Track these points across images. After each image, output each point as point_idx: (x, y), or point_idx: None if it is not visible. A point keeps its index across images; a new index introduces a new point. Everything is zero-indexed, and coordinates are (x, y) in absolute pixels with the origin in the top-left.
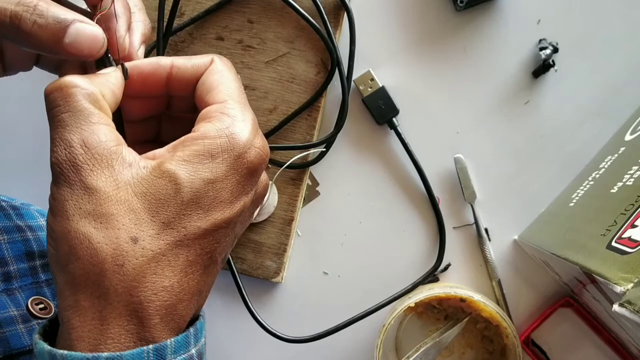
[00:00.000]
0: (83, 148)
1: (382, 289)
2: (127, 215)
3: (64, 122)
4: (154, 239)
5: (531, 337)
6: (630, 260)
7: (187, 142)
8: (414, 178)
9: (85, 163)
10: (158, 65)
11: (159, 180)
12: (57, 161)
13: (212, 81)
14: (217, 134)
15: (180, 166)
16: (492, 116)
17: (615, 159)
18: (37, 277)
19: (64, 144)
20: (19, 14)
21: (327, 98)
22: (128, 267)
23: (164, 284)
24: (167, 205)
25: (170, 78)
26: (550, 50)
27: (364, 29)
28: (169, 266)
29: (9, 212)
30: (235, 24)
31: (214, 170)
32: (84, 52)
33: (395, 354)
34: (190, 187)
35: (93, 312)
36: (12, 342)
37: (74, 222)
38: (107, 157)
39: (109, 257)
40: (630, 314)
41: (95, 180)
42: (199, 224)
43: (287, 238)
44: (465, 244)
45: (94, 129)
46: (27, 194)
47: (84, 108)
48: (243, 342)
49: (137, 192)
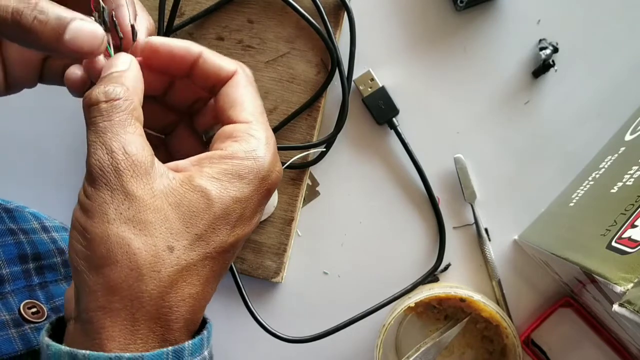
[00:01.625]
0: (124, 154)
1: (382, 289)
2: (163, 224)
3: (104, 129)
4: (188, 250)
5: (531, 337)
6: (630, 260)
7: (214, 159)
8: (414, 178)
9: (127, 169)
10: (188, 50)
11: (191, 194)
12: (99, 164)
13: (238, 96)
14: (245, 156)
15: (211, 183)
16: (492, 116)
17: (615, 159)
18: (30, 280)
19: (106, 148)
20: (20, 10)
21: (327, 98)
22: (164, 274)
23: (190, 291)
24: (200, 219)
25: (193, 67)
26: (550, 50)
27: (364, 29)
28: (197, 275)
29: (2, 215)
30: (235, 24)
31: (242, 190)
32: (83, 48)
33: (395, 354)
34: (221, 203)
35: (126, 313)
36: (3, 348)
37: (115, 227)
38: (145, 165)
39: (147, 263)
40: (630, 314)
41: (135, 186)
42: (225, 238)
43: (287, 238)
44: (465, 244)
45: (132, 139)
46: (22, 195)
47: (125, 118)
48: (243, 342)
49: (171, 202)
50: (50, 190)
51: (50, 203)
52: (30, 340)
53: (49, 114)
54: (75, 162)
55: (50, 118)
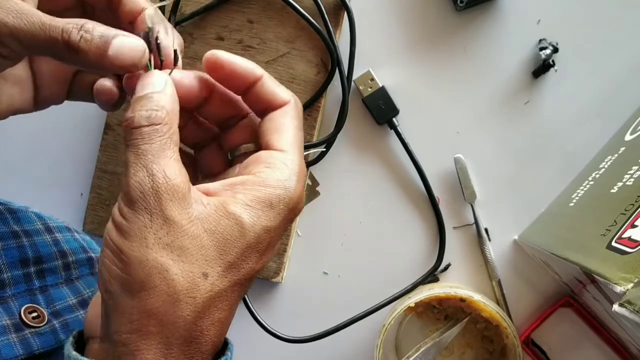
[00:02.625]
0: (165, 178)
1: (382, 289)
2: (199, 251)
3: (145, 151)
4: (221, 277)
5: (531, 337)
6: (630, 260)
7: (248, 185)
8: (414, 178)
9: (167, 193)
10: (251, 72)
11: (225, 221)
12: (140, 186)
13: (282, 124)
14: (277, 185)
15: (244, 210)
16: (492, 116)
17: (615, 159)
18: (31, 284)
19: (147, 171)
20: (69, 30)
21: (327, 98)
22: (199, 300)
23: (220, 316)
24: (233, 247)
25: (251, 88)
26: (550, 50)
27: (364, 29)
28: (227, 301)
29: (6, 217)
30: (235, 24)
31: (272, 219)
32: (126, 62)
33: (395, 354)
34: (253, 231)
35: (161, 337)
36: (4, 352)
37: (154, 252)
38: (183, 190)
39: (184, 289)
40: (630, 314)
41: (174, 212)
42: (254, 266)
43: (287, 238)
44: (465, 244)
45: (171, 163)
46: (25, 196)
47: (165, 142)
48: (243, 342)
49: (207, 228)
50: (53, 191)
51: (53, 203)
52: (30, 345)
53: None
54: (77, 162)
55: (52, 118)
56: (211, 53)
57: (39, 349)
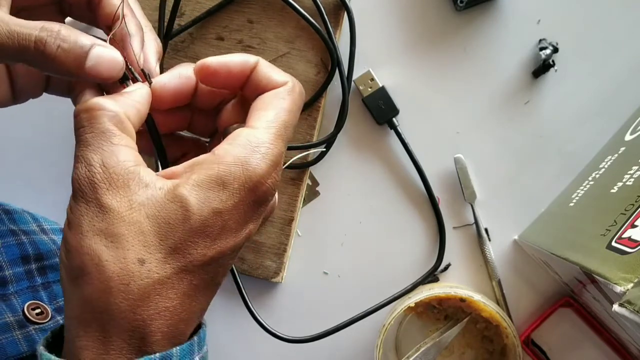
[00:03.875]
0: (102, 167)
1: (382, 289)
2: (136, 237)
3: (87, 142)
4: (160, 263)
5: (531, 337)
6: (630, 260)
7: (204, 164)
8: (414, 178)
9: (102, 182)
10: (245, 63)
11: (170, 204)
12: (77, 177)
13: (268, 103)
14: (233, 161)
15: (192, 192)
16: (492, 116)
17: (615, 159)
18: (34, 281)
19: (85, 162)
20: (44, 39)
21: (327, 98)
22: (133, 287)
23: (166, 304)
24: (175, 231)
25: (248, 78)
26: (550, 50)
27: (364, 29)
28: (173, 289)
29: (2, 217)
30: (235, 24)
31: (225, 200)
32: (103, 74)
33: (395, 354)
34: (200, 215)
35: (97, 325)
36: (9, 349)
37: (87, 238)
38: (124, 177)
39: (115, 275)
40: (630, 314)
41: (110, 199)
42: (204, 251)
43: (287, 238)
44: (465, 244)
45: (114, 150)
46: (20, 197)
47: (107, 129)
48: (243, 342)
49: (149, 214)
50: (52, 190)
51: (51, 203)
52: (35, 341)
53: (51, 113)
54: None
55: (51, 117)
56: (201, 63)
57: None
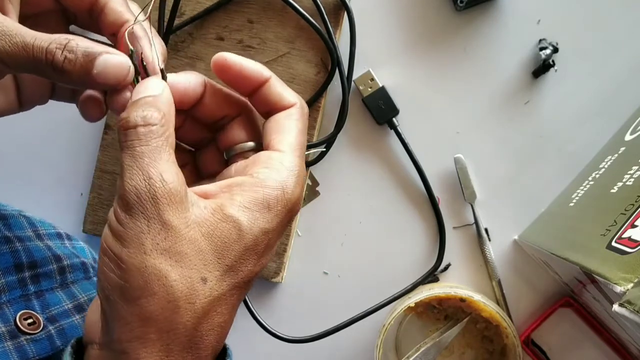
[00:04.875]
0: (162, 182)
1: (382, 289)
2: (197, 255)
3: (142, 154)
4: (219, 281)
5: (531, 337)
6: (630, 260)
7: (245, 186)
8: (414, 178)
9: (164, 197)
10: (259, 73)
11: (222, 224)
12: (136, 190)
13: (284, 125)
14: (275, 186)
15: (242, 213)
16: (492, 116)
17: (615, 159)
18: (26, 290)
19: (143, 174)
20: (52, 51)
21: (327, 98)
22: (198, 305)
23: (219, 320)
24: (231, 250)
25: (258, 89)
26: (550, 50)
27: (364, 29)
28: (226, 305)
29: None
30: (235, 24)
31: (270, 221)
32: (110, 81)
33: (395, 354)
34: (251, 234)
35: (161, 344)
36: None
37: (152, 258)
38: (180, 194)
39: (183, 295)
40: (630, 314)
41: (171, 216)
42: (253, 268)
43: (287, 238)
44: (465, 244)
45: (168, 166)
46: (26, 196)
47: (161, 144)
48: (243, 342)
49: (204, 232)
50: (53, 191)
51: (53, 203)
52: (26, 352)
53: (51, 114)
54: (77, 162)
55: (52, 118)
56: (219, 55)
57: (34, 356)
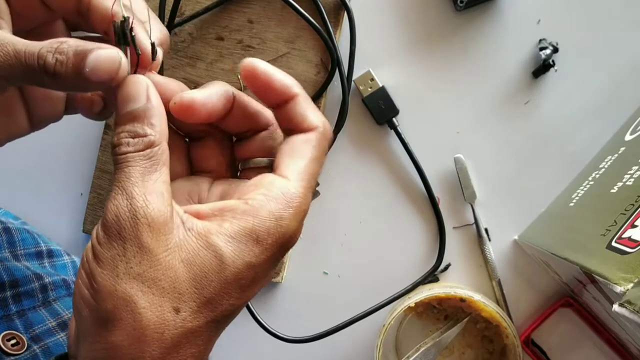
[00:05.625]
0: (145, 202)
1: (382, 289)
2: (172, 283)
3: (129, 174)
4: (195, 313)
5: (531, 337)
6: (630, 260)
7: (237, 213)
8: (414, 178)
9: (145, 218)
10: (286, 89)
11: (204, 252)
12: (117, 211)
13: (298, 150)
14: (268, 217)
15: (227, 243)
16: (492, 116)
17: (615, 159)
18: (8, 310)
19: (126, 194)
20: (44, 55)
21: (327, 98)
22: (167, 336)
23: (192, 351)
24: (211, 281)
25: (283, 105)
26: (550, 50)
27: (364, 29)
28: (201, 337)
29: None
30: (235, 24)
31: (257, 255)
32: (104, 77)
33: (395, 354)
34: (234, 267)
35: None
36: None
37: (123, 282)
38: (163, 215)
39: (152, 324)
40: (630, 314)
41: (149, 239)
42: (234, 302)
43: None
44: (465, 244)
45: (156, 187)
46: (26, 196)
47: (152, 164)
48: (243, 342)
49: (184, 258)
50: (53, 191)
51: (53, 203)
52: None
53: None
54: (77, 162)
55: None
56: (249, 61)
57: None
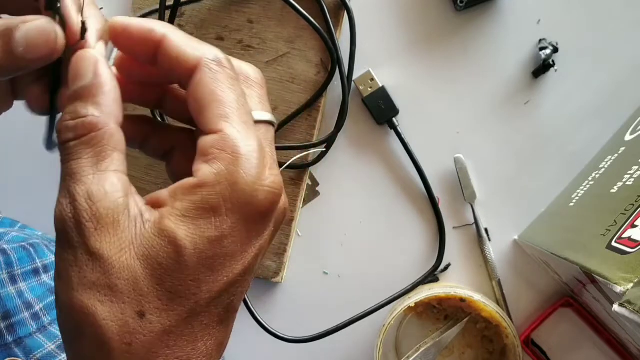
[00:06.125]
0: (88, 202)
1: (382, 289)
2: (131, 285)
3: (71, 172)
4: (163, 312)
5: (531, 337)
6: (630, 260)
7: (185, 190)
8: (414, 178)
9: (90, 221)
10: (149, 32)
11: (157, 241)
12: (61, 217)
13: (203, 96)
14: (216, 180)
15: (179, 224)
16: (492, 116)
17: (615, 159)
18: (4, 340)
19: (69, 196)
20: None
21: (327, 98)
22: (137, 346)
23: (177, 354)
24: (171, 272)
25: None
26: (550, 50)
27: (364, 29)
28: (182, 337)
29: None
30: (235, 24)
31: (218, 226)
32: (42, 51)
33: (395, 354)
34: (194, 249)
35: None
36: None
37: (79, 294)
38: (114, 211)
39: (116, 335)
40: (630, 314)
41: (99, 242)
42: (210, 287)
43: (287, 238)
44: (465, 244)
45: (102, 179)
46: (25, 196)
47: (97, 153)
48: (243, 342)
49: (139, 254)
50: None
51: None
52: None
53: None
54: None
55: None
56: (111, 23)
57: None
